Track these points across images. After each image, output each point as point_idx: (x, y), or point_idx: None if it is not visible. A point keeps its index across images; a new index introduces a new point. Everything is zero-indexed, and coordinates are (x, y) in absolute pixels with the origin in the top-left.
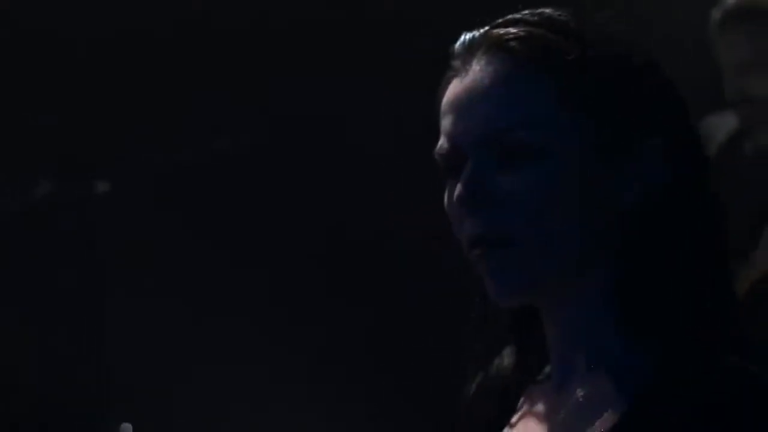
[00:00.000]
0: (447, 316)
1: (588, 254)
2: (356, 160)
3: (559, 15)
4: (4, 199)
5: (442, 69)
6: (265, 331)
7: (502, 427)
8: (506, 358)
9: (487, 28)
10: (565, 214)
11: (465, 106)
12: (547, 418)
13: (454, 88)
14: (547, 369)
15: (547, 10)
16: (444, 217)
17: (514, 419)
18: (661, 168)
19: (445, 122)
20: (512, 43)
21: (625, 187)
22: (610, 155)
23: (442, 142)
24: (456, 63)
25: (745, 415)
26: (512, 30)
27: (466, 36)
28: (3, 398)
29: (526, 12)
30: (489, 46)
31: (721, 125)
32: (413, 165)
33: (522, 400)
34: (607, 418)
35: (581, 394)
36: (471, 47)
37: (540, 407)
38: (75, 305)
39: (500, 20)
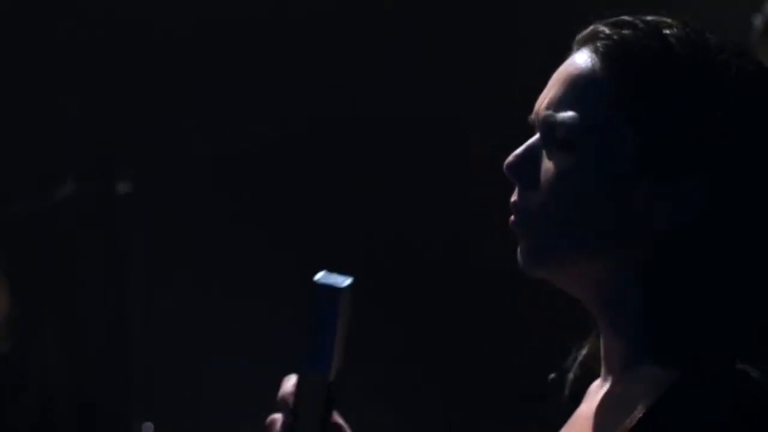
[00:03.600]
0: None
1: (607, 256)
2: (388, 158)
3: (665, 29)
4: (29, 190)
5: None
6: (270, 332)
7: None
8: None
9: (598, 23)
10: (579, 214)
11: (551, 85)
12: (583, 419)
13: (561, 66)
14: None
15: (656, 20)
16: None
17: (573, 415)
18: (701, 202)
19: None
20: (598, 43)
21: (658, 209)
22: (648, 175)
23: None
24: (574, 46)
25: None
26: (606, 30)
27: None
28: (24, 396)
29: (639, 17)
30: (587, 39)
31: None
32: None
33: (588, 391)
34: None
35: (604, 400)
36: (582, 36)
37: (584, 407)
38: (98, 302)
39: (614, 18)
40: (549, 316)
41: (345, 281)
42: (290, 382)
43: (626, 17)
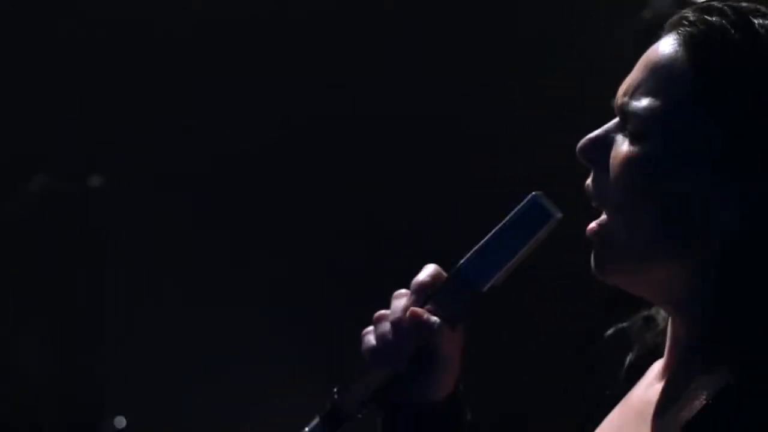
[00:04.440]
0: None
1: (677, 255)
2: (368, 161)
3: (756, 18)
4: (28, 190)
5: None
6: (270, 332)
7: (625, 391)
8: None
9: (689, 8)
10: (650, 206)
11: (634, 70)
12: (643, 403)
13: (646, 52)
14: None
15: (748, 8)
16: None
17: (633, 391)
18: None
19: None
20: (681, 29)
21: (733, 207)
22: (725, 170)
23: None
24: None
25: None
26: (691, 16)
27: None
28: (7, 392)
29: (731, 3)
30: (673, 24)
31: None
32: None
33: (647, 373)
34: (680, 419)
35: (665, 388)
36: (670, 22)
37: (642, 390)
38: (74, 300)
39: (704, 3)
40: (554, 311)
41: (557, 213)
42: (430, 270)
43: (716, 3)
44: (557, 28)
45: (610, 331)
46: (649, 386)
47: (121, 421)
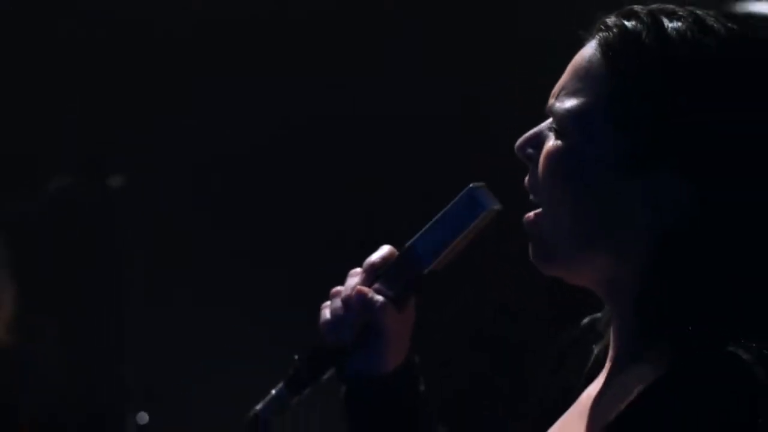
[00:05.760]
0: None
1: (604, 249)
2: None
3: (669, 22)
4: (29, 190)
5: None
6: (270, 332)
7: (581, 390)
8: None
9: (611, 14)
10: (568, 201)
11: (565, 72)
12: (587, 399)
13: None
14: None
15: (663, 11)
16: None
17: (586, 390)
18: (682, 200)
19: None
20: (600, 34)
21: (644, 205)
22: (629, 170)
23: None
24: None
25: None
26: (608, 21)
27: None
28: (24, 388)
29: (648, 7)
30: (595, 29)
31: None
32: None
33: (602, 372)
34: (608, 416)
35: (605, 385)
36: (595, 26)
37: (591, 388)
38: (95, 301)
39: (625, 8)
40: (556, 316)
41: (492, 205)
42: (383, 251)
43: (635, 7)
44: (557, 28)
45: (585, 321)
46: (595, 384)
47: (144, 417)
